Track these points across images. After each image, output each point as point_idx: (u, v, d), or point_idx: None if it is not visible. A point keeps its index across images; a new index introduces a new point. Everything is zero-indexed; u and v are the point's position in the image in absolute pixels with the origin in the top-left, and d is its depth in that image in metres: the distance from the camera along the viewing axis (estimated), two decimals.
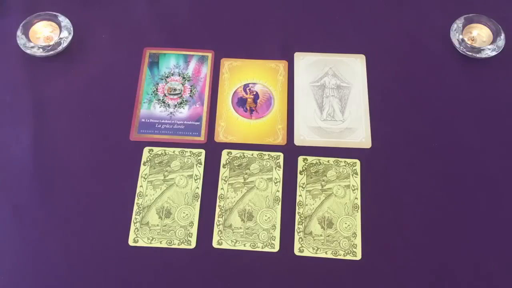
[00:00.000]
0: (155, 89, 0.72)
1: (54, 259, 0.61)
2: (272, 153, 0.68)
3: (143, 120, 0.70)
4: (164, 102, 0.71)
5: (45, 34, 0.74)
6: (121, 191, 0.65)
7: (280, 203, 0.65)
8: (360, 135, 0.69)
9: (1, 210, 0.64)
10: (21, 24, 0.73)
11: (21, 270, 0.61)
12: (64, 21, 0.74)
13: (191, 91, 0.72)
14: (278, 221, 0.64)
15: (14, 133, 0.69)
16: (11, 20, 0.75)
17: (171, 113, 0.70)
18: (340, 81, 0.73)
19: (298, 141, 0.69)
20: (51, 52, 0.72)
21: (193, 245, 0.62)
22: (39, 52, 0.72)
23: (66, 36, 0.73)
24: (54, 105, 0.71)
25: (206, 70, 0.73)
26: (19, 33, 0.72)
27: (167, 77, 0.73)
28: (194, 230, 0.63)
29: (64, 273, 0.57)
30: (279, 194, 0.65)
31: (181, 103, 0.71)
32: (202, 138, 0.69)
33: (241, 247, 0.62)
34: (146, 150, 0.67)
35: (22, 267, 0.61)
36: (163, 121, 0.70)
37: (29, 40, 0.72)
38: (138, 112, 0.70)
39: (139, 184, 0.65)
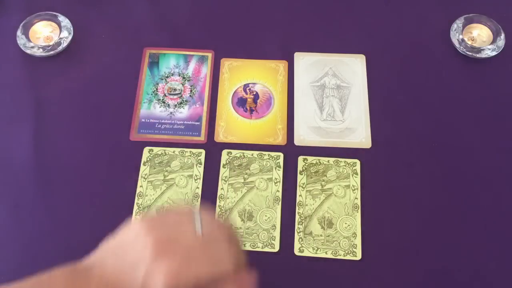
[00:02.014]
0: (155, 89, 0.72)
1: (54, 259, 0.61)
2: (272, 153, 0.68)
3: (143, 120, 0.69)
4: (164, 102, 0.71)
5: (45, 34, 0.74)
6: (121, 191, 0.65)
7: (280, 203, 0.65)
8: (360, 135, 0.69)
9: (1, 209, 0.64)
10: (21, 24, 0.73)
11: (21, 270, 0.61)
12: (64, 21, 0.74)
13: (191, 91, 0.72)
14: (278, 221, 0.64)
15: (14, 133, 0.68)
16: (11, 20, 0.75)
17: (171, 113, 0.70)
18: (340, 81, 0.73)
19: (298, 141, 0.69)
20: (51, 52, 0.72)
21: None
22: (39, 52, 0.72)
23: (66, 36, 0.73)
24: (54, 105, 0.71)
25: (206, 70, 0.73)
26: (19, 33, 0.72)
27: (167, 77, 0.73)
28: None
29: None
30: (279, 194, 0.65)
31: (181, 103, 0.71)
32: (202, 138, 0.69)
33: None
34: (146, 150, 0.67)
35: (22, 267, 0.61)
36: (163, 121, 0.70)
37: (29, 40, 0.72)
38: (138, 112, 0.70)
39: (139, 184, 0.65)
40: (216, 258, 0.45)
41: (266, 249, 0.62)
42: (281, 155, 0.68)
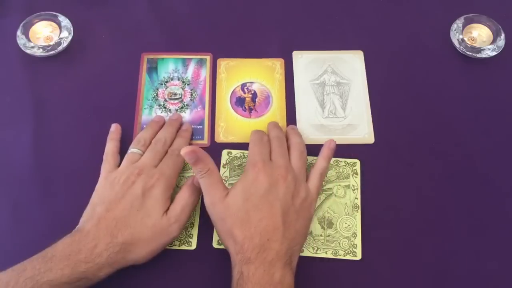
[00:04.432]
0: (155, 94, 0.72)
1: None
2: None
3: (145, 126, 0.68)
4: (165, 107, 0.71)
5: (45, 34, 0.74)
6: None
7: None
8: (362, 131, 0.69)
9: (1, 209, 0.64)
10: (21, 24, 0.73)
11: None
12: (64, 21, 0.74)
13: (191, 95, 0.72)
14: None
15: (14, 133, 0.68)
16: (11, 20, 0.75)
17: None
18: (340, 78, 0.73)
19: None
20: (51, 52, 0.72)
21: (193, 246, 0.62)
22: (39, 52, 0.72)
23: (66, 36, 0.73)
24: (54, 105, 0.70)
25: (205, 73, 0.73)
26: (19, 33, 0.72)
27: (166, 82, 0.73)
28: (194, 231, 0.63)
29: None
30: None
31: (182, 107, 0.71)
32: (205, 141, 0.68)
33: None
34: None
35: None
36: None
37: (29, 40, 0.72)
38: (140, 118, 0.70)
39: None
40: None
41: None
42: None
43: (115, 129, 0.67)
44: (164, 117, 0.69)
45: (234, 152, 0.68)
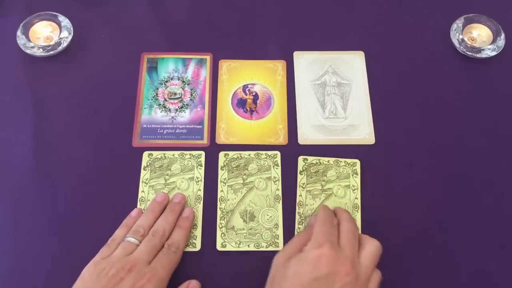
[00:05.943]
0: (155, 94, 0.72)
1: (54, 260, 0.62)
2: (269, 152, 0.68)
3: (144, 125, 0.69)
4: (165, 107, 0.71)
5: (45, 34, 0.74)
6: (123, 197, 0.65)
7: (280, 201, 0.65)
8: (363, 131, 0.69)
9: (1, 209, 0.64)
10: (21, 24, 0.73)
11: (21, 270, 0.61)
12: (64, 21, 0.74)
13: (191, 94, 0.72)
14: (280, 220, 0.64)
15: (14, 133, 0.68)
16: (11, 20, 0.75)
17: (172, 117, 0.70)
18: (341, 79, 0.73)
19: (302, 140, 0.69)
20: (51, 52, 0.72)
21: (198, 247, 0.62)
22: (39, 52, 0.72)
23: (66, 36, 0.73)
24: (54, 105, 0.70)
25: (205, 73, 0.73)
26: (19, 33, 0.72)
27: (166, 81, 0.72)
28: (198, 232, 0.63)
29: (63, 274, 0.57)
30: (279, 193, 0.65)
31: (182, 107, 0.71)
32: (205, 141, 0.68)
33: (245, 248, 0.62)
34: (145, 154, 0.67)
35: (22, 267, 0.61)
36: (165, 126, 0.69)
37: (29, 40, 0.72)
38: (139, 117, 0.70)
39: (140, 189, 0.65)
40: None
41: (270, 248, 0.62)
42: (278, 153, 0.68)
43: (136, 214, 0.63)
44: (167, 196, 0.64)
45: (231, 153, 0.67)
